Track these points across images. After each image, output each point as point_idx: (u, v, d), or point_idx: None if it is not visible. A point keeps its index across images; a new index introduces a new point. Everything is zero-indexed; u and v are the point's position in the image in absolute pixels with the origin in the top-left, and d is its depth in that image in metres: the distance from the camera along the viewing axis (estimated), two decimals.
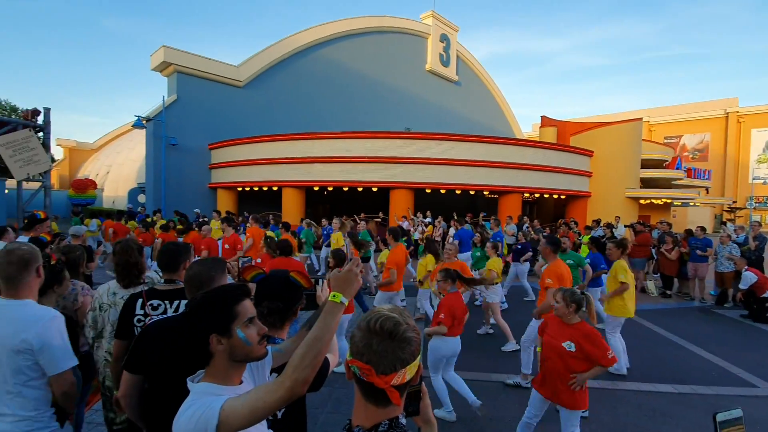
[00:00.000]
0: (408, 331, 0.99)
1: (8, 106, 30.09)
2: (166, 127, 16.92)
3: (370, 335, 0.98)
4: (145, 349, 1.66)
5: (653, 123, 42.57)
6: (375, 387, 0.95)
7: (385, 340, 0.96)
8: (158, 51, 17.38)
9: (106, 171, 26.49)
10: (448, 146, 15.16)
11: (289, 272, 1.67)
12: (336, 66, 23.19)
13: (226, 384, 1.22)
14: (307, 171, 15.65)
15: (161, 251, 2.25)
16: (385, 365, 0.95)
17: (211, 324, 1.20)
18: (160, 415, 1.64)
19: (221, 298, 1.25)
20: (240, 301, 1.26)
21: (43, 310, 1.86)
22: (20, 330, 1.74)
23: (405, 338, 0.97)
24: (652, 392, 4.41)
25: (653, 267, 10.38)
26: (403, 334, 0.97)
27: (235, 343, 1.21)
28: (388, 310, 1.02)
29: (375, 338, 0.97)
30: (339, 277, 1.27)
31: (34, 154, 8.53)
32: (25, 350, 1.75)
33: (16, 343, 1.73)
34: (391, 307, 1.04)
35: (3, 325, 1.75)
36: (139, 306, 2.07)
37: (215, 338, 1.20)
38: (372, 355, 0.96)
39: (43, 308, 1.88)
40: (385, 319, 0.98)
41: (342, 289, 1.25)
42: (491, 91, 34.35)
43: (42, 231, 4.11)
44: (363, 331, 0.99)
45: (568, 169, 17.01)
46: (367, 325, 0.99)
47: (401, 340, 0.97)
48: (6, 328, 1.75)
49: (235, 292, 1.28)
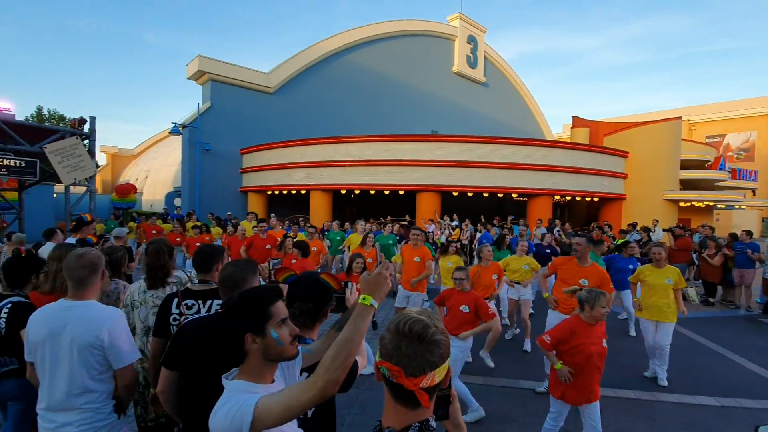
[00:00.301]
0: (437, 334, 0.99)
1: (56, 115, 32.10)
2: (200, 134, 17.59)
3: (399, 337, 0.99)
4: (182, 347, 1.75)
5: (694, 122, 40.51)
6: (404, 389, 0.96)
7: (414, 342, 0.97)
8: (193, 61, 18.11)
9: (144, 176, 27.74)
10: (474, 148, 15.01)
11: (319, 274, 1.72)
12: (363, 70, 23.42)
13: (259, 382, 1.26)
14: (334, 174, 15.86)
15: (196, 253, 2.35)
16: (414, 367, 0.96)
17: (247, 324, 1.25)
18: (195, 411, 1.72)
19: (257, 299, 1.29)
20: (274, 303, 1.30)
21: (109, 310, 2.01)
22: (91, 328, 1.88)
23: (434, 341, 0.98)
24: (693, 404, 4.20)
25: (694, 273, 9.89)
26: (432, 336, 0.98)
27: (268, 342, 1.26)
28: (416, 313, 1.02)
29: (404, 340, 0.98)
30: (369, 280, 1.28)
31: (80, 161, 9.06)
32: (96, 347, 1.89)
33: (88, 340, 1.87)
34: (419, 309, 1.05)
35: (74, 324, 1.88)
36: (174, 305, 2.17)
37: (250, 337, 1.24)
38: (401, 357, 0.97)
39: (109, 308, 2.03)
40: (414, 321, 0.99)
41: (372, 291, 1.26)
42: (520, 91, 33.72)
43: (88, 233, 4.37)
44: (392, 333, 1.01)
45: (601, 171, 16.44)
46: (396, 328, 1.00)
47: (430, 343, 0.97)
48: (77, 326, 1.88)
49: (270, 293, 1.32)
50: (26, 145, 8.66)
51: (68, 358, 1.86)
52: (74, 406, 1.86)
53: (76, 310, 1.92)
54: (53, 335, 1.87)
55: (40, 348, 1.89)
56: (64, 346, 1.87)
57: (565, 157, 15.62)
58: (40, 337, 1.88)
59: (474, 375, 4.67)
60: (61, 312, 1.91)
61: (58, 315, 1.91)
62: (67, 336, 1.87)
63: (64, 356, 1.87)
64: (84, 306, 1.94)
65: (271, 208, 18.69)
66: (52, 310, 1.94)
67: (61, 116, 31.84)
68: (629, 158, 17.62)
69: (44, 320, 1.91)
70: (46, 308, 1.97)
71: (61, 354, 1.87)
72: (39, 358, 1.90)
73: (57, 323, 1.88)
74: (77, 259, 1.97)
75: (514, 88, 33.29)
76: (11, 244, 6.30)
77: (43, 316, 1.93)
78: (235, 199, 19.13)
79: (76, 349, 1.86)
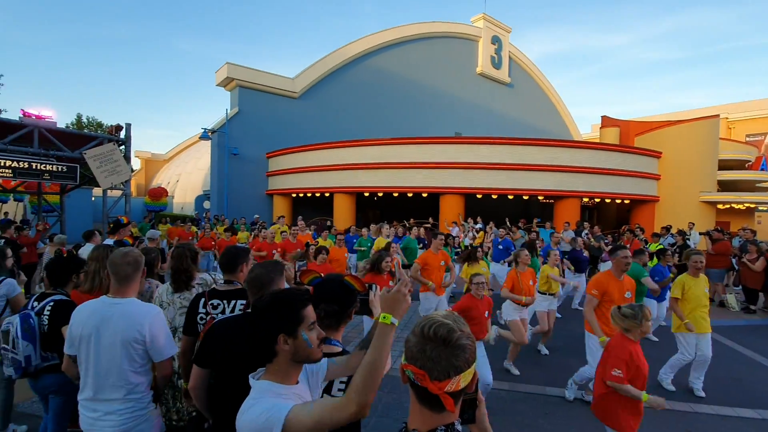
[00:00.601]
0: (462, 338, 0.98)
1: (95, 122, 33.69)
2: (228, 138, 18.10)
3: (424, 341, 0.99)
4: (212, 346, 1.81)
5: (732, 120, 38.54)
6: (429, 392, 0.96)
7: (439, 346, 0.97)
8: (222, 68, 18.67)
9: (176, 179, 28.73)
10: (499, 150, 14.79)
11: (344, 276, 1.74)
12: (386, 74, 23.53)
13: (285, 383, 1.29)
14: (357, 177, 15.98)
15: (222, 254, 2.44)
16: (438, 371, 0.96)
17: (281, 325, 1.28)
18: (224, 408, 1.78)
19: (291, 301, 1.32)
20: (307, 306, 1.34)
21: (149, 307, 2.14)
22: (134, 324, 2.00)
23: (459, 345, 0.97)
24: (731, 416, 4.00)
25: (734, 279, 9.40)
26: (457, 341, 0.97)
27: (299, 344, 1.29)
28: (442, 317, 1.02)
29: (429, 344, 0.98)
30: (388, 297, 1.29)
31: (117, 165, 9.49)
32: (138, 341, 2.01)
33: (132, 335, 1.99)
34: (445, 313, 1.05)
35: (118, 320, 2.00)
36: (201, 305, 2.26)
37: (283, 338, 1.27)
38: (426, 360, 0.97)
39: (148, 305, 2.17)
40: (439, 325, 0.99)
41: (392, 309, 1.26)
42: (546, 91, 33.05)
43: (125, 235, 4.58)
44: (417, 336, 1.01)
45: (632, 172, 15.87)
46: (422, 331, 1.00)
47: (455, 347, 0.97)
48: (120, 322, 2.00)
49: (303, 296, 1.35)
50: (67, 151, 9.14)
51: (111, 352, 1.97)
52: (116, 396, 1.97)
53: (118, 307, 2.03)
54: (97, 330, 1.98)
55: (84, 342, 2.00)
56: (108, 340, 1.98)
57: (593, 158, 15.18)
58: (85, 332, 1.99)
59: (497, 380, 4.60)
60: (105, 308, 2.03)
61: (101, 311, 2.02)
62: (110, 331, 1.98)
63: (107, 350, 1.98)
64: (126, 303, 2.06)
65: (296, 210, 19.02)
66: (96, 306, 2.05)
67: (99, 123, 33.39)
68: (662, 159, 16.94)
69: (88, 315, 2.02)
70: (89, 304, 2.09)
71: (104, 348, 1.98)
72: (83, 352, 2.01)
73: (101, 318, 1.99)
74: (122, 257, 2.09)
75: (540, 89, 32.66)
76: (53, 245, 6.69)
77: (87, 311, 2.04)
78: (261, 202, 19.55)
79: (119, 343, 1.97)
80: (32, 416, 3.64)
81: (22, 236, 7.98)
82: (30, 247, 7.87)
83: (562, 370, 4.91)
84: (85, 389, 2.01)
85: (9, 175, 8.28)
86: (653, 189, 16.88)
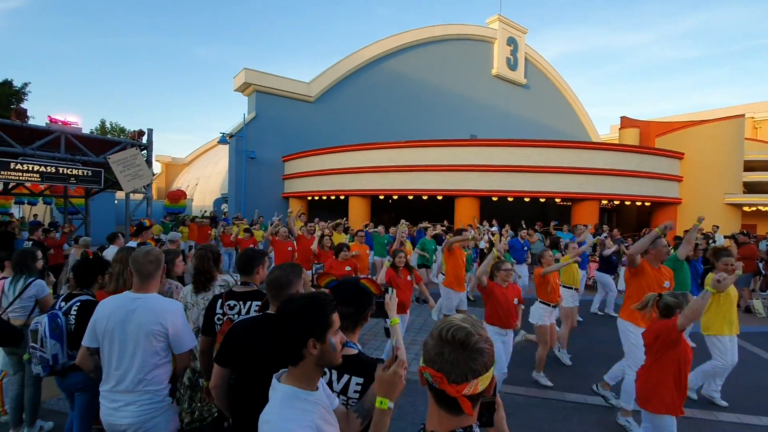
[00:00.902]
0: (480, 342, 0.99)
1: (118, 127, 34.74)
2: (246, 142, 18.42)
3: (442, 344, 0.99)
4: (233, 345, 1.86)
5: (759, 119, 37.25)
6: (447, 395, 0.97)
7: (457, 349, 0.97)
8: (240, 73, 19.02)
9: (195, 183, 29.34)
10: (515, 152, 14.64)
11: (360, 279, 1.77)
12: (401, 77, 23.58)
13: (309, 389, 1.31)
14: (372, 180, 16.03)
15: (239, 256, 2.51)
16: (456, 374, 0.97)
17: (312, 329, 1.30)
18: (244, 407, 1.83)
19: (321, 306, 1.34)
20: (335, 311, 1.36)
21: (170, 302, 2.24)
22: (158, 316, 2.10)
23: (477, 349, 0.98)
24: (756, 425, 3.87)
25: (761, 284, 9.09)
26: (475, 344, 0.98)
27: (326, 349, 1.31)
28: (460, 320, 1.03)
29: (447, 347, 0.98)
30: (383, 379, 1.29)
31: (139, 170, 9.76)
32: (162, 333, 2.11)
33: (155, 327, 2.09)
34: (463, 317, 1.06)
35: (142, 313, 2.10)
36: (219, 306, 2.34)
37: (312, 342, 1.29)
38: (444, 363, 0.98)
39: (169, 300, 2.27)
40: (457, 329, 0.99)
41: (388, 393, 1.28)
42: (563, 92, 32.59)
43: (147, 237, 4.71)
44: (435, 339, 1.02)
45: (653, 174, 15.50)
46: (440, 334, 1.01)
47: (473, 351, 0.98)
48: (145, 315, 2.10)
49: (331, 302, 1.37)
50: (92, 156, 9.45)
51: (134, 344, 2.07)
52: (137, 388, 2.06)
53: (142, 301, 2.13)
54: (122, 323, 2.07)
55: (108, 335, 2.09)
56: (132, 333, 2.07)
57: (612, 160, 14.89)
58: (110, 325, 2.08)
59: (514, 385, 4.56)
60: (129, 302, 2.13)
61: (126, 305, 2.12)
62: (134, 324, 2.07)
63: (130, 342, 2.07)
64: (148, 297, 2.16)
65: (311, 212, 19.19)
66: (121, 301, 2.15)
67: (122, 128, 34.41)
68: (685, 160, 16.51)
69: (113, 310, 2.11)
70: (114, 299, 2.19)
71: (128, 340, 2.07)
72: (107, 345, 2.10)
73: (125, 312, 2.09)
74: (145, 255, 2.19)
75: (557, 89, 32.23)
76: (78, 247, 6.91)
77: (112, 305, 2.14)
78: (278, 205, 19.78)
79: (143, 335, 2.07)
80: (58, 413, 3.77)
81: (49, 238, 8.29)
82: (56, 249, 8.16)
83: (580, 376, 4.84)
84: (107, 381, 2.10)
85: (37, 179, 8.60)
86: (675, 191, 16.45)
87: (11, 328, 3.30)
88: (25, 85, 13.96)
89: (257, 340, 1.79)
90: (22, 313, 3.42)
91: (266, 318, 1.92)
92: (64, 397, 2.96)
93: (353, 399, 1.59)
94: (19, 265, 3.48)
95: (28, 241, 7.73)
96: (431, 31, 24.46)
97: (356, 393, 1.60)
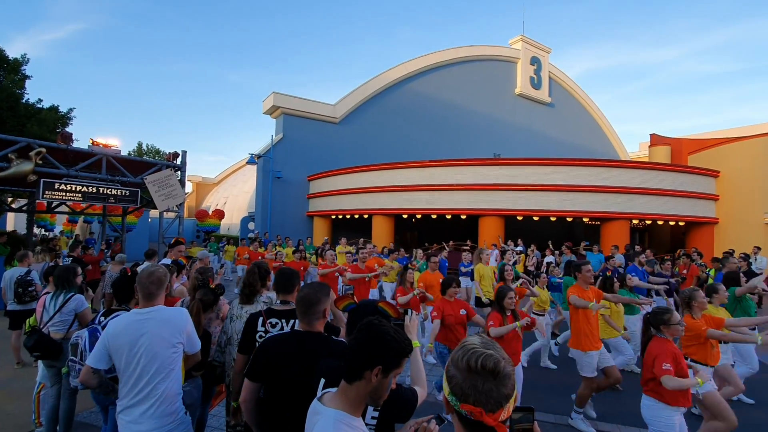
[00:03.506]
0: (507, 366, 1.00)
1: (153, 149, 36.47)
2: (273, 163, 18.96)
3: (473, 376, 0.98)
4: (264, 360, 1.89)
5: None
6: (485, 425, 0.97)
7: (489, 380, 0.97)
8: (269, 97, 19.74)
9: (224, 201, 30.26)
10: (539, 171, 14.45)
11: (378, 302, 1.77)
12: (425, 97, 23.89)
13: (356, 415, 1.30)
14: (396, 199, 16.11)
15: (278, 275, 2.54)
16: (492, 404, 0.96)
17: (387, 359, 1.29)
18: (272, 422, 1.85)
19: (404, 346, 1.33)
20: (407, 357, 1.35)
21: (178, 310, 2.35)
22: (177, 327, 2.22)
23: (506, 374, 0.98)
24: None
25: None
26: (504, 370, 0.98)
27: (383, 384, 1.31)
28: (482, 346, 1.02)
29: (479, 379, 0.98)
30: None
31: (173, 190, 10.19)
32: (181, 342, 2.22)
33: (176, 338, 2.20)
34: (481, 340, 1.05)
35: (159, 327, 2.18)
36: (260, 324, 2.34)
37: (378, 370, 1.28)
38: (479, 395, 0.97)
39: (178, 309, 2.38)
40: (485, 357, 0.99)
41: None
42: (588, 110, 32.16)
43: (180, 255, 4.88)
44: (464, 371, 1.00)
45: (686, 192, 14.92)
46: (468, 365, 1.00)
47: (503, 377, 0.98)
48: (162, 328, 2.18)
49: (410, 348, 1.36)
50: (130, 177, 9.94)
51: (148, 358, 2.13)
52: (153, 402, 2.12)
53: (153, 314, 2.21)
54: (136, 339, 2.13)
55: (124, 352, 2.13)
56: (146, 346, 2.13)
57: (642, 178, 14.46)
58: (124, 342, 2.14)
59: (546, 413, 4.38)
60: (140, 318, 2.19)
61: (137, 321, 2.18)
62: (150, 338, 2.14)
63: (144, 356, 2.13)
64: (157, 310, 2.24)
65: (335, 232, 19.38)
66: (131, 318, 2.21)
67: (157, 150, 36.10)
68: (720, 178, 15.85)
69: (125, 327, 2.17)
70: (123, 317, 2.24)
71: (143, 355, 2.13)
72: (122, 362, 2.14)
73: (138, 328, 2.15)
74: (148, 276, 2.26)
75: (582, 107, 31.84)
76: (115, 263, 7.22)
77: (123, 323, 2.19)
78: (302, 223, 20.12)
79: (160, 347, 2.15)
80: (90, 426, 3.86)
81: (87, 255, 8.70)
82: (94, 265, 8.54)
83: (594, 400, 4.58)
84: (124, 397, 2.15)
85: (79, 198, 9.09)
86: (711, 210, 15.76)
87: (51, 342, 3.45)
88: (70, 110, 14.86)
89: (289, 357, 1.82)
90: (62, 327, 3.56)
91: (296, 335, 1.95)
92: (98, 410, 3.04)
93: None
94: (60, 280, 3.64)
95: (68, 257, 8.12)
96: (455, 53, 24.81)
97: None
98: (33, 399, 3.75)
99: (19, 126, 12.27)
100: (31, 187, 9.79)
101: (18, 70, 13.26)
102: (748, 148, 15.88)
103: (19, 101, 13.05)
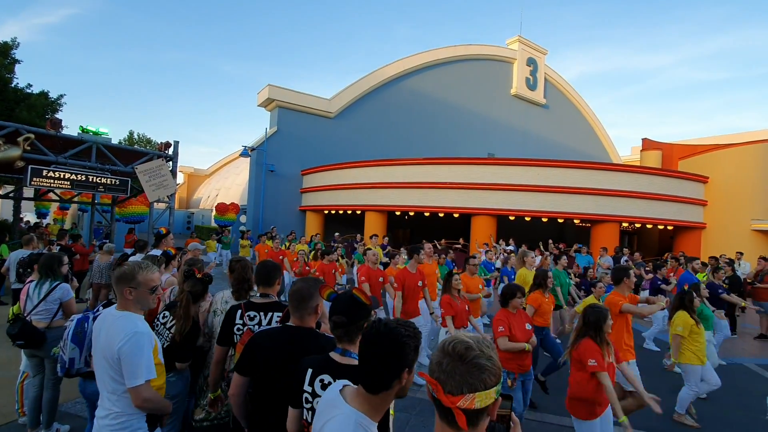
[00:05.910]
0: (479, 358, 1.00)
1: (144, 138, 35.99)
2: (266, 156, 18.81)
3: (443, 355, 1.02)
4: (254, 355, 1.88)
5: None
6: (444, 405, 0.98)
7: (454, 361, 1.00)
8: (264, 89, 19.58)
9: (216, 194, 30.00)
10: (533, 172, 14.55)
11: (353, 289, 1.76)
12: (420, 95, 23.87)
13: (375, 420, 1.27)
14: (389, 196, 16.12)
15: (259, 267, 2.51)
16: (452, 385, 0.98)
17: (411, 359, 1.28)
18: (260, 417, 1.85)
19: (418, 337, 1.31)
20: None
21: (128, 327, 1.98)
22: (111, 342, 1.94)
23: (475, 364, 0.99)
24: None
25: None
26: (474, 359, 0.99)
27: (410, 379, 1.29)
28: (466, 336, 1.05)
29: (447, 358, 1.01)
30: None
31: (164, 180, 10.04)
32: (115, 359, 1.96)
33: (109, 352, 1.95)
34: (472, 335, 1.07)
35: (104, 334, 2.00)
36: (238, 316, 2.33)
37: (407, 373, 1.27)
38: (441, 373, 1.00)
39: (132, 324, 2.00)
40: (458, 342, 1.03)
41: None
42: (583, 113, 32.42)
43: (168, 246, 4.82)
44: (438, 350, 1.05)
45: (675, 197, 15.14)
46: (443, 346, 1.04)
47: (470, 365, 0.99)
48: (104, 337, 2.00)
49: (419, 332, 1.34)
50: (121, 166, 9.78)
51: (100, 361, 2.00)
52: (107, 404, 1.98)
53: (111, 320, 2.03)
54: (96, 338, 2.05)
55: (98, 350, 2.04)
56: (98, 350, 2.01)
57: (633, 182, 14.63)
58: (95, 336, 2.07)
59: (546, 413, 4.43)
60: (107, 318, 2.06)
61: (103, 321, 2.07)
62: (100, 343, 2.00)
63: (97, 358, 2.02)
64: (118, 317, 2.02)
65: (328, 227, 19.34)
66: (104, 316, 2.10)
67: (149, 139, 35.64)
68: (709, 184, 16.10)
69: (97, 324, 2.10)
70: (104, 313, 2.12)
71: (96, 355, 2.03)
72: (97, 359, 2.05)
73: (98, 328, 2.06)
74: (116, 275, 2.10)
75: (577, 110, 32.08)
76: (102, 253, 7.12)
77: (99, 320, 2.12)
78: (295, 218, 20.03)
79: (102, 355, 1.98)
80: (75, 416, 3.82)
81: (77, 245, 8.58)
82: (83, 256, 8.43)
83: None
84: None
85: (67, 186, 8.94)
86: (699, 215, 16.01)
87: (34, 331, 3.39)
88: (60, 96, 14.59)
89: (278, 351, 1.81)
90: (46, 316, 3.50)
91: (287, 330, 1.94)
92: (82, 401, 3.00)
93: None
94: (44, 268, 3.57)
95: (56, 246, 8.00)
96: (452, 51, 24.81)
97: None
98: (16, 389, 3.69)
99: (7, 111, 12.02)
100: (19, 174, 9.60)
101: (7, 53, 12.98)
102: (737, 156, 16.15)
103: (8, 85, 12.78)
